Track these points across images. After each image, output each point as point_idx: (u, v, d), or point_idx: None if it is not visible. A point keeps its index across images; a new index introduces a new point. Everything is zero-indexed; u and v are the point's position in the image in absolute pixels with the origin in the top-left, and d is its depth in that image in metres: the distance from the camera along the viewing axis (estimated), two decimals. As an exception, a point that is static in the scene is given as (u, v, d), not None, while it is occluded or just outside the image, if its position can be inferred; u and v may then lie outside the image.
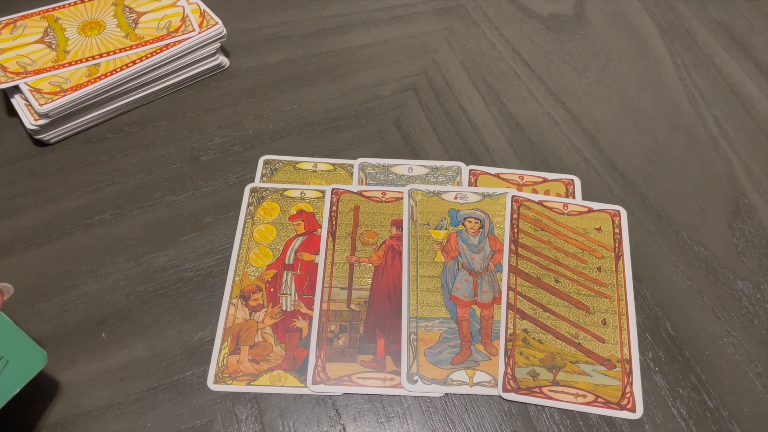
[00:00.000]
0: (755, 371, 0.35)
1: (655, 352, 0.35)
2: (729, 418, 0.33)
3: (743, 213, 0.41)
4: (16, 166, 0.43)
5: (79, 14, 0.48)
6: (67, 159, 0.44)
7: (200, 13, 0.47)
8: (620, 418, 0.33)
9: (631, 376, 0.34)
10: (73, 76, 0.43)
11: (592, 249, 0.39)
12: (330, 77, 0.49)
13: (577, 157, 0.44)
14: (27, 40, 0.46)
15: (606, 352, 0.35)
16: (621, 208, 0.40)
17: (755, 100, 0.48)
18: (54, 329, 0.36)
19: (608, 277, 0.37)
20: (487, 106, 0.47)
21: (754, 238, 0.40)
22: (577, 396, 0.33)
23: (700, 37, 0.53)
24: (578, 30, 0.53)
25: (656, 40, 0.53)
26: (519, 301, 0.36)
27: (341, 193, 0.41)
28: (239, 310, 0.36)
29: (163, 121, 0.46)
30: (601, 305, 0.36)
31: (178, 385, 0.34)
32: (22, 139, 0.45)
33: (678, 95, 0.48)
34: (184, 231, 0.40)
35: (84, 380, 0.34)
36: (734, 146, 0.45)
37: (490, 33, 0.53)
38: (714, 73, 0.50)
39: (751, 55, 0.51)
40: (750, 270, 0.39)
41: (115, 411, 0.33)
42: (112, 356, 0.35)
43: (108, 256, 0.39)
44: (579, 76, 0.50)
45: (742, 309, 0.37)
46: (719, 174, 0.43)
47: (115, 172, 0.43)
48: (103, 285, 0.37)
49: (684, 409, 0.33)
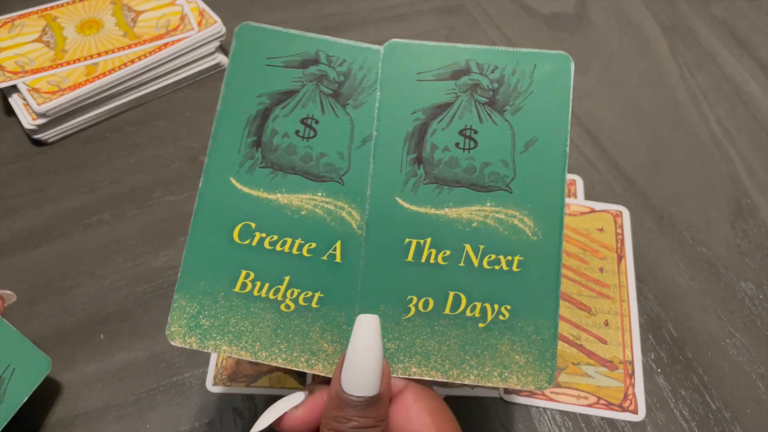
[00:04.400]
0: (758, 372, 0.34)
1: (657, 353, 0.35)
2: (731, 419, 0.33)
3: (746, 213, 0.41)
4: (14, 166, 0.43)
5: (77, 13, 0.48)
6: (66, 159, 0.43)
7: (199, 12, 0.47)
8: (622, 420, 0.33)
9: (633, 378, 0.34)
10: (72, 75, 0.43)
11: (594, 249, 0.38)
12: (330, 76, 0.49)
13: (579, 157, 0.44)
14: (25, 39, 0.46)
15: (608, 354, 0.35)
16: (623, 208, 0.40)
17: (758, 100, 0.48)
18: (52, 330, 0.36)
19: (610, 278, 0.37)
20: (488, 106, 0.47)
21: (756, 239, 0.40)
22: (579, 398, 0.33)
23: (703, 36, 0.53)
24: (580, 29, 0.53)
25: (658, 39, 0.52)
26: (520, 302, 0.36)
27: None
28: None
29: (162, 121, 0.46)
30: (603, 306, 0.36)
31: (177, 387, 0.34)
32: (20, 138, 0.44)
33: (680, 95, 0.48)
34: (183, 231, 0.40)
35: (82, 381, 0.34)
36: (737, 146, 0.45)
37: (491, 32, 0.53)
38: (716, 73, 0.50)
39: (753, 54, 0.51)
40: (753, 270, 0.38)
41: (114, 412, 0.33)
42: (111, 357, 0.35)
43: (107, 256, 0.38)
44: (581, 75, 0.49)
45: (745, 310, 0.37)
46: (722, 174, 0.43)
47: (114, 172, 0.43)
48: (102, 285, 0.37)
49: (686, 411, 0.33)
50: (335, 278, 0.25)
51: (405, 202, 0.25)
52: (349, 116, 0.26)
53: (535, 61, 0.26)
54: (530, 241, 0.25)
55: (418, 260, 0.25)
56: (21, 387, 0.30)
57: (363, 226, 0.25)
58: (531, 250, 0.24)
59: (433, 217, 0.25)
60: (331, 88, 0.26)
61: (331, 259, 0.25)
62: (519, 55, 0.26)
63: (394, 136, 0.26)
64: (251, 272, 0.25)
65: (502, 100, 0.26)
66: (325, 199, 0.25)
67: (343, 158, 0.26)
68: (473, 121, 0.26)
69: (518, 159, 0.25)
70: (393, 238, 0.25)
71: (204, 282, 0.25)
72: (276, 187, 0.25)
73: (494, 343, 0.24)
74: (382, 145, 0.25)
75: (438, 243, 0.25)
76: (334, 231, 0.25)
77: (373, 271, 0.25)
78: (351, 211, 0.25)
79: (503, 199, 0.25)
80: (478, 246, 0.25)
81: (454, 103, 0.26)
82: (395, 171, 0.25)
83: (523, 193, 0.25)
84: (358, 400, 0.22)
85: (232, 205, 0.25)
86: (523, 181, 0.25)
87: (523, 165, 0.25)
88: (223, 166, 0.25)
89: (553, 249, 0.24)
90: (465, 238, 0.25)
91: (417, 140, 0.25)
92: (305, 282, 0.25)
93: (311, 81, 0.26)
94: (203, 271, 0.25)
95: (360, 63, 0.26)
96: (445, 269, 0.25)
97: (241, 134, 0.26)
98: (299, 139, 0.26)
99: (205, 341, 0.24)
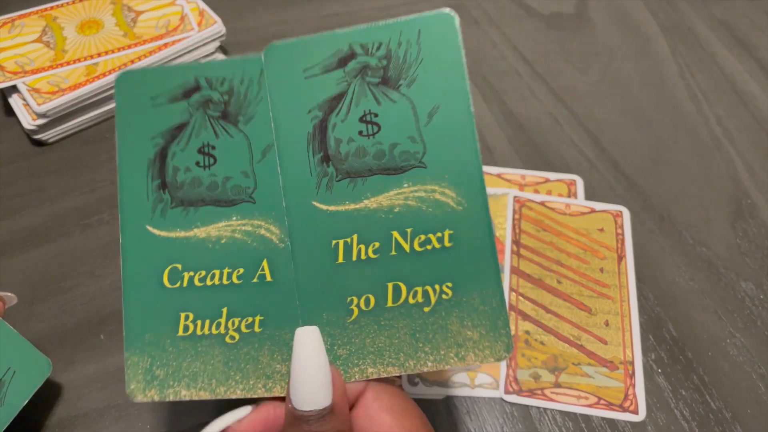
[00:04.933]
0: (758, 372, 0.34)
1: (657, 353, 0.35)
2: (732, 419, 0.33)
3: (746, 213, 0.41)
4: (14, 166, 0.43)
5: (77, 13, 0.48)
6: (66, 159, 0.43)
7: (199, 12, 0.47)
8: (623, 420, 0.33)
9: (633, 378, 0.34)
10: (72, 76, 0.43)
11: (595, 250, 0.38)
12: (330, 76, 0.49)
13: (579, 157, 0.44)
14: (25, 39, 0.46)
15: (608, 354, 0.35)
16: (623, 208, 0.40)
17: (758, 100, 0.48)
18: (52, 330, 0.36)
19: (610, 278, 0.37)
20: (488, 106, 0.47)
21: (756, 239, 0.40)
22: (580, 398, 0.33)
23: (703, 36, 0.53)
24: (580, 29, 0.53)
25: (658, 39, 0.52)
26: (521, 303, 0.36)
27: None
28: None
29: (162, 121, 0.46)
30: (604, 306, 0.36)
31: (177, 387, 0.34)
32: (20, 138, 0.44)
33: (680, 95, 0.48)
34: (184, 231, 0.40)
35: (82, 381, 0.34)
36: (737, 146, 0.45)
37: (492, 32, 0.53)
38: (716, 73, 0.50)
39: (753, 54, 0.51)
40: (753, 270, 0.38)
41: (114, 413, 0.33)
42: (111, 357, 0.35)
43: (106, 256, 0.38)
44: (581, 75, 0.50)
45: (745, 310, 0.37)
46: (722, 174, 0.43)
47: (114, 172, 0.42)
48: (102, 286, 0.37)
49: (687, 411, 0.33)
50: (271, 298, 0.24)
51: (322, 204, 0.24)
52: (243, 132, 0.25)
53: (419, 26, 0.25)
54: (456, 212, 0.24)
55: (349, 259, 0.24)
56: (21, 389, 0.29)
57: (285, 239, 0.24)
58: (459, 221, 0.24)
59: (354, 212, 0.24)
60: (218, 110, 0.26)
61: (262, 280, 0.24)
62: (401, 25, 0.26)
63: (296, 140, 0.25)
64: (190, 313, 0.25)
65: (395, 75, 0.25)
66: (240, 222, 0.25)
67: (248, 176, 0.25)
68: (371, 104, 0.25)
69: (425, 131, 0.24)
70: (319, 244, 0.24)
71: (148, 334, 0.25)
72: (191, 223, 0.25)
73: (443, 324, 0.24)
74: (285, 151, 0.25)
75: (365, 237, 0.24)
76: (258, 251, 0.25)
77: (306, 281, 0.24)
78: (269, 227, 0.25)
79: (419, 176, 0.24)
80: (405, 230, 0.24)
81: (347, 91, 0.25)
82: (305, 175, 0.25)
83: (437, 165, 0.24)
84: (311, 414, 0.22)
85: (154, 252, 0.25)
86: (435, 153, 0.24)
87: (431, 136, 0.24)
88: (136, 216, 0.25)
89: (481, 214, 0.24)
90: (390, 225, 0.24)
91: (320, 138, 0.25)
92: (243, 309, 0.24)
93: (197, 109, 0.26)
94: (145, 323, 0.25)
95: (240, 77, 0.26)
96: (378, 262, 0.24)
97: (145, 180, 0.26)
98: (201, 169, 0.25)
99: (164, 390, 0.24)
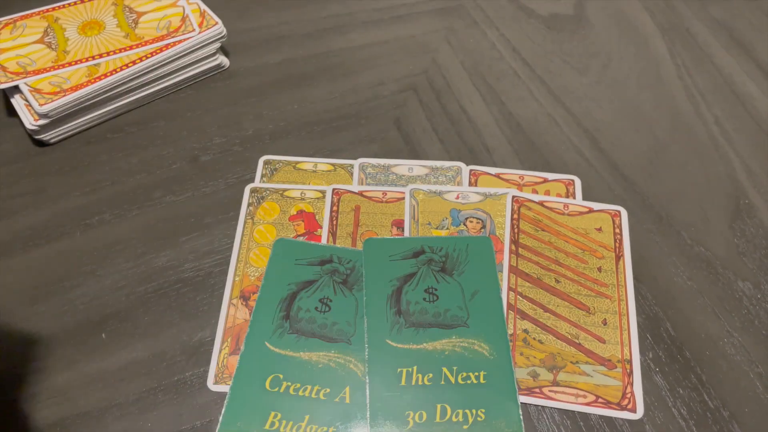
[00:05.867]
0: (756, 371, 0.35)
1: (655, 352, 0.35)
2: (729, 418, 0.33)
3: (744, 213, 0.41)
4: (16, 166, 0.43)
5: (78, 14, 0.48)
6: (67, 159, 0.44)
7: (200, 13, 0.47)
8: (621, 419, 0.33)
9: (631, 377, 0.34)
10: (73, 76, 0.43)
11: (593, 249, 0.39)
12: (330, 77, 0.49)
13: (578, 157, 0.44)
14: (27, 40, 0.46)
15: (606, 353, 0.35)
16: (621, 208, 0.40)
17: (756, 100, 0.48)
18: (53, 330, 0.36)
19: (609, 278, 0.37)
20: (487, 106, 0.47)
21: (754, 238, 0.40)
22: (578, 396, 0.33)
23: (701, 36, 0.53)
24: (578, 30, 0.53)
25: (656, 40, 0.53)
26: (519, 302, 0.36)
27: (342, 193, 0.41)
28: (239, 311, 0.36)
29: (163, 122, 0.46)
30: (602, 305, 0.36)
31: (178, 386, 0.34)
32: (21, 139, 0.45)
33: (678, 95, 0.48)
34: (184, 231, 0.40)
35: (84, 381, 0.34)
36: (735, 146, 0.45)
37: (491, 33, 0.53)
38: (714, 73, 0.50)
39: (751, 54, 0.51)
40: (750, 270, 0.39)
41: (115, 412, 0.33)
42: (112, 357, 0.35)
43: (107, 256, 0.39)
44: (579, 75, 0.50)
45: (743, 309, 0.37)
46: (720, 174, 0.43)
47: (115, 173, 0.43)
48: (103, 285, 0.37)
49: (684, 410, 0.33)
50: (346, 415, 0.32)
51: (393, 342, 0.34)
52: (355, 297, 0.35)
53: (468, 242, 0.37)
54: (488, 359, 0.33)
55: (410, 383, 0.32)
56: None
57: (366, 375, 0.33)
58: (490, 366, 0.33)
59: (416, 351, 0.33)
60: (341, 278, 0.36)
61: (342, 401, 0.32)
62: (456, 239, 0.38)
63: (380, 299, 0.35)
64: (279, 413, 0.32)
65: (450, 267, 0.36)
66: (336, 355, 0.33)
67: (350, 325, 0.34)
68: (433, 282, 0.36)
69: (469, 304, 0.35)
70: (388, 370, 0.33)
71: (240, 422, 0.31)
72: (300, 348, 0.34)
73: None
74: (371, 305, 0.35)
75: (422, 369, 0.33)
76: (344, 378, 0.33)
77: (377, 397, 0.32)
78: (357, 364, 0.33)
79: (464, 333, 0.34)
80: (452, 368, 0.33)
81: (417, 272, 0.36)
82: (383, 322, 0.34)
83: (476, 327, 0.34)
84: None
85: (266, 362, 0.33)
86: (475, 319, 0.34)
87: (473, 308, 0.35)
88: (260, 333, 0.34)
89: (506, 363, 0.33)
90: (442, 362, 0.33)
91: (396, 298, 0.35)
92: (322, 419, 0.32)
93: (327, 273, 0.36)
94: (241, 413, 0.32)
95: (356, 260, 0.37)
96: (431, 388, 0.32)
97: (275, 311, 0.35)
98: (318, 313, 0.35)
99: None
